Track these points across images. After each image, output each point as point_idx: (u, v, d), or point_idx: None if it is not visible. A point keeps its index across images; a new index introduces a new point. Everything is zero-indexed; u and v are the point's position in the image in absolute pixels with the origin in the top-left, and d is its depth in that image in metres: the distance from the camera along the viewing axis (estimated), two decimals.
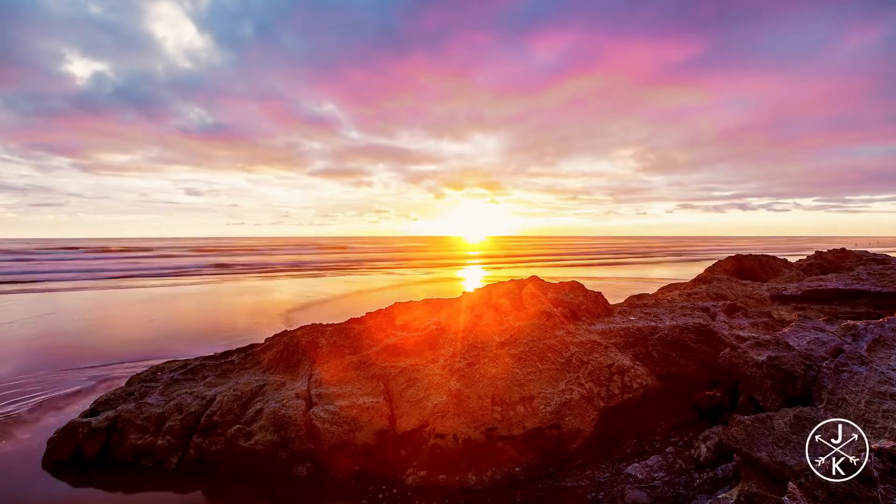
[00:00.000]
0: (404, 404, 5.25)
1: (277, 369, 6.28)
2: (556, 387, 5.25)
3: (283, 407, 5.21)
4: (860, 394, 3.78)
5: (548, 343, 5.84)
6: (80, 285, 22.58)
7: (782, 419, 3.65)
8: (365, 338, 6.56)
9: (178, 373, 6.39)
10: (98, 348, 10.02)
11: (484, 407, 5.02)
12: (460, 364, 5.59)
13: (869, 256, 11.69)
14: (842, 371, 4.13)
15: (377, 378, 5.70)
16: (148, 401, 5.64)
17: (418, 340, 6.27)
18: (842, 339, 4.77)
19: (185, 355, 7.53)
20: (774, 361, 4.42)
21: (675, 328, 6.25)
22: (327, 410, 5.18)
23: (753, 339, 5.42)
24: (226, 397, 5.48)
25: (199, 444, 5.09)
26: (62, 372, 8.30)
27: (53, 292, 19.76)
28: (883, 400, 3.65)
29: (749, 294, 9.33)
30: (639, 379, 5.47)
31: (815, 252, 12.98)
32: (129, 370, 8.04)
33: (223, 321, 13.28)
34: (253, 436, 5.03)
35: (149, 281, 24.82)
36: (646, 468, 4.46)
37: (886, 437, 3.20)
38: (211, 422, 5.24)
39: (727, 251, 40.18)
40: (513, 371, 5.40)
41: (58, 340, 10.79)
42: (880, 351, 4.49)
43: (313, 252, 62.69)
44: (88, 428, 5.21)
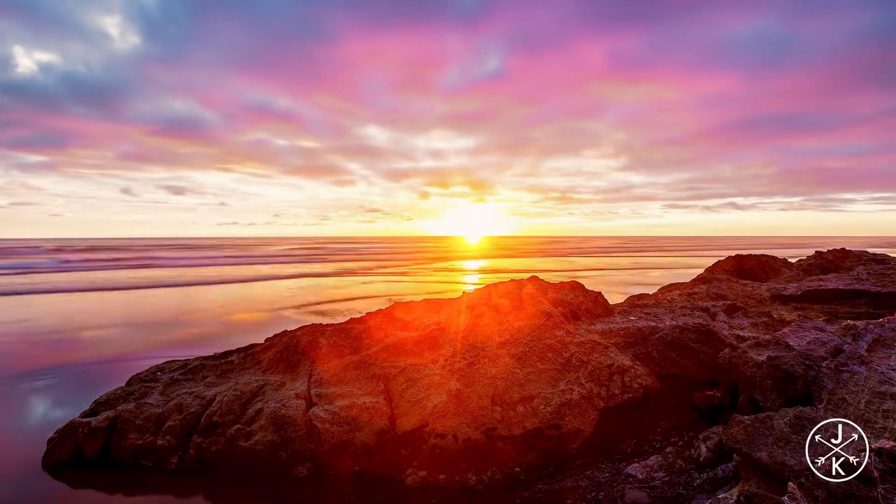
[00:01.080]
0: (404, 404, 5.25)
1: (277, 369, 6.28)
2: (556, 387, 5.25)
3: (283, 407, 5.20)
4: (860, 394, 3.78)
5: (548, 343, 5.84)
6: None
7: (782, 419, 3.65)
8: (365, 338, 6.56)
9: (178, 373, 6.39)
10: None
11: (484, 407, 5.02)
12: (460, 364, 5.59)
13: (869, 256, 11.69)
14: (842, 371, 4.13)
15: (377, 378, 5.70)
16: (148, 401, 5.64)
17: (418, 340, 6.27)
18: (842, 339, 4.77)
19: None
20: (774, 361, 4.42)
21: (675, 328, 6.25)
22: (327, 410, 5.18)
23: (753, 339, 5.42)
24: (226, 397, 5.48)
25: (199, 444, 5.08)
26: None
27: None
28: (883, 400, 3.65)
29: (749, 294, 9.32)
30: (639, 379, 5.47)
31: (815, 252, 12.99)
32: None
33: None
34: (253, 436, 5.03)
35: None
36: (646, 468, 4.46)
37: (886, 437, 3.20)
38: (211, 422, 5.24)
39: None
40: (513, 371, 5.40)
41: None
42: (880, 351, 4.49)
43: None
44: (88, 428, 5.21)
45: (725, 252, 21.22)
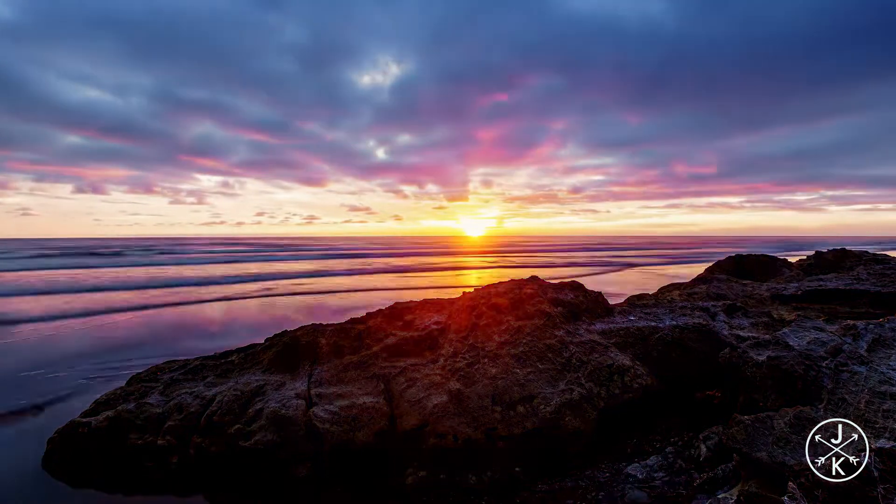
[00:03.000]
0: (404, 404, 5.25)
1: (277, 369, 6.28)
2: (556, 387, 5.25)
3: (283, 407, 5.20)
4: (860, 394, 3.78)
5: (548, 343, 5.84)
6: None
7: (782, 419, 3.65)
8: (365, 338, 6.56)
9: (178, 373, 6.39)
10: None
11: (484, 407, 5.02)
12: (460, 364, 5.59)
13: (869, 256, 11.70)
14: (842, 371, 4.13)
15: (377, 378, 5.70)
16: (148, 401, 5.63)
17: (418, 340, 6.27)
18: (842, 339, 4.77)
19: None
20: (774, 361, 4.42)
21: (675, 328, 6.25)
22: (327, 410, 5.18)
23: (753, 339, 5.42)
24: (226, 397, 5.48)
25: (199, 444, 5.08)
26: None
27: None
28: (883, 400, 3.65)
29: (749, 294, 9.32)
30: (639, 379, 5.48)
31: (815, 252, 13.02)
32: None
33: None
34: (253, 436, 5.02)
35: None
36: (646, 468, 4.46)
37: (886, 437, 3.20)
38: (211, 422, 5.24)
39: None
40: (513, 371, 5.40)
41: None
42: (880, 351, 4.49)
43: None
44: (88, 428, 5.21)
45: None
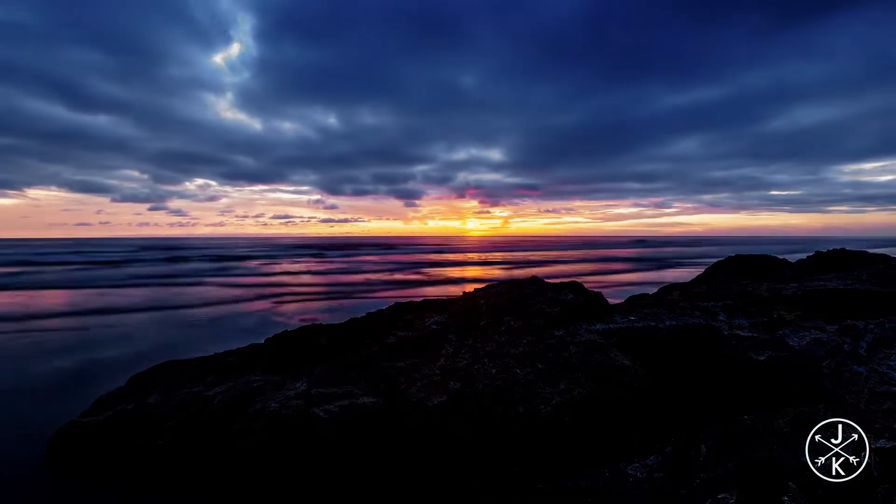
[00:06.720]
0: (404, 404, 5.26)
1: (277, 369, 6.28)
2: (556, 387, 5.25)
3: (283, 407, 5.21)
4: (860, 394, 3.79)
5: (547, 343, 5.84)
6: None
7: (782, 419, 3.65)
8: (365, 337, 6.56)
9: (178, 373, 6.39)
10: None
11: (484, 407, 5.02)
12: (460, 364, 5.59)
13: (869, 256, 11.70)
14: (842, 371, 4.13)
15: (377, 378, 5.70)
16: (148, 401, 5.64)
17: (418, 340, 6.27)
18: (842, 339, 4.77)
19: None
20: (774, 361, 4.42)
21: (676, 328, 6.25)
22: (327, 410, 5.18)
23: (753, 339, 5.42)
24: (226, 397, 5.48)
25: (199, 444, 5.09)
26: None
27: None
28: (883, 400, 3.65)
29: (749, 294, 9.32)
30: (639, 379, 5.47)
31: (814, 252, 13.02)
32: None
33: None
34: (253, 436, 5.03)
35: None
36: (646, 468, 4.46)
37: (886, 437, 3.20)
38: (211, 422, 5.24)
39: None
40: (513, 371, 5.41)
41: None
42: (880, 351, 4.50)
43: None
44: (88, 428, 5.21)
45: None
